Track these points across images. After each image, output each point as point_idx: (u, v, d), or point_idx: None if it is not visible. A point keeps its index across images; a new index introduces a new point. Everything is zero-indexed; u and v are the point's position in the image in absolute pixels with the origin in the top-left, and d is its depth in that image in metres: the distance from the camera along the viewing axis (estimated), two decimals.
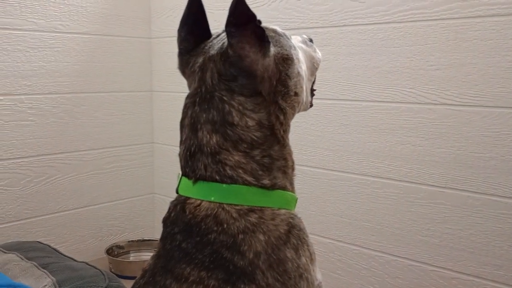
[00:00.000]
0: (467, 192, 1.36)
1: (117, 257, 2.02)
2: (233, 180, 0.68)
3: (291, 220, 0.69)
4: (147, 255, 2.09)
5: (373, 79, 1.50)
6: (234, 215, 0.66)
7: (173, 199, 0.74)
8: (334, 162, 1.61)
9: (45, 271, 1.19)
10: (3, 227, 1.79)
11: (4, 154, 1.78)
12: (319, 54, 0.87)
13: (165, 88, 2.15)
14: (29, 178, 1.85)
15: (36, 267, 1.21)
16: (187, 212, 0.69)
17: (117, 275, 1.90)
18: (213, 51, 0.71)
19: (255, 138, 0.69)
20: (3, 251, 1.33)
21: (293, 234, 0.68)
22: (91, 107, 2.00)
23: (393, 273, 1.52)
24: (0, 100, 1.75)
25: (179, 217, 0.69)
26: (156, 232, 2.28)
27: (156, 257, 0.71)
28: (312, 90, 0.88)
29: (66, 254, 1.37)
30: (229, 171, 0.68)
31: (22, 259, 1.26)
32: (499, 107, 1.28)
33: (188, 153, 0.71)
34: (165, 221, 0.73)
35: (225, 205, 0.67)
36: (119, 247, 2.08)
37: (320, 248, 1.68)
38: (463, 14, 1.31)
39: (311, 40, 0.87)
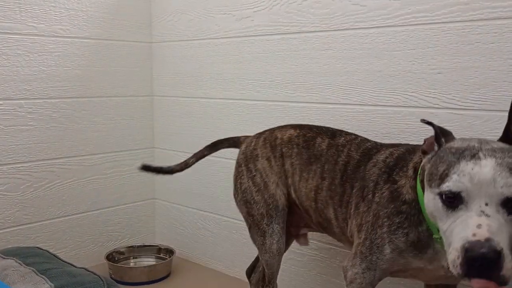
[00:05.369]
0: None
1: (117, 263, 2.01)
2: None
3: None
4: (147, 261, 2.08)
5: (374, 83, 1.50)
6: None
7: None
8: None
9: (44, 276, 1.18)
10: (2, 232, 1.79)
11: (4, 159, 1.77)
12: None
13: (165, 93, 2.15)
14: (28, 183, 1.84)
15: (35, 272, 1.21)
16: None
17: (116, 281, 1.89)
18: None
19: None
20: (2, 257, 1.32)
21: None
22: (92, 112, 2.00)
23: (397, 279, 1.51)
24: (0, 105, 1.75)
25: None
26: (156, 237, 2.27)
27: None
28: None
29: (66, 259, 1.36)
30: None
31: (21, 265, 1.25)
32: (501, 111, 1.27)
33: None
34: None
35: None
36: (119, 252, 2.07)
37: (322, 253, 1.67)
38: (464, 17, 1.31)
39: None
